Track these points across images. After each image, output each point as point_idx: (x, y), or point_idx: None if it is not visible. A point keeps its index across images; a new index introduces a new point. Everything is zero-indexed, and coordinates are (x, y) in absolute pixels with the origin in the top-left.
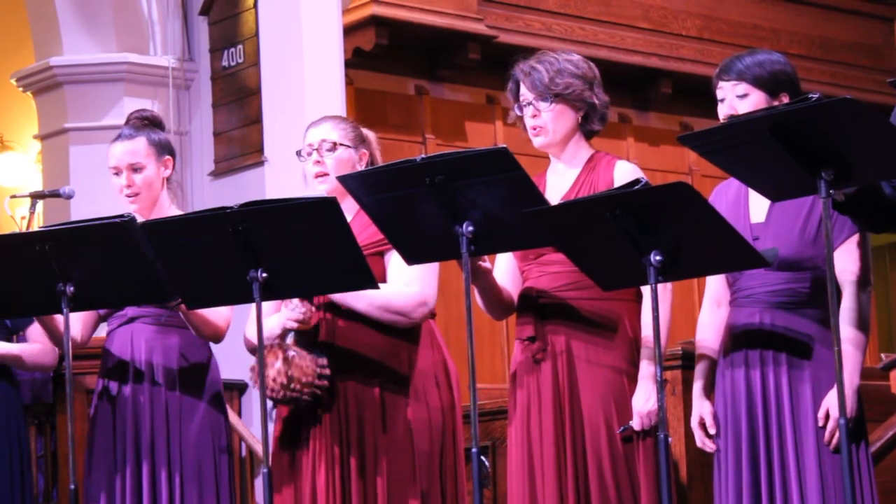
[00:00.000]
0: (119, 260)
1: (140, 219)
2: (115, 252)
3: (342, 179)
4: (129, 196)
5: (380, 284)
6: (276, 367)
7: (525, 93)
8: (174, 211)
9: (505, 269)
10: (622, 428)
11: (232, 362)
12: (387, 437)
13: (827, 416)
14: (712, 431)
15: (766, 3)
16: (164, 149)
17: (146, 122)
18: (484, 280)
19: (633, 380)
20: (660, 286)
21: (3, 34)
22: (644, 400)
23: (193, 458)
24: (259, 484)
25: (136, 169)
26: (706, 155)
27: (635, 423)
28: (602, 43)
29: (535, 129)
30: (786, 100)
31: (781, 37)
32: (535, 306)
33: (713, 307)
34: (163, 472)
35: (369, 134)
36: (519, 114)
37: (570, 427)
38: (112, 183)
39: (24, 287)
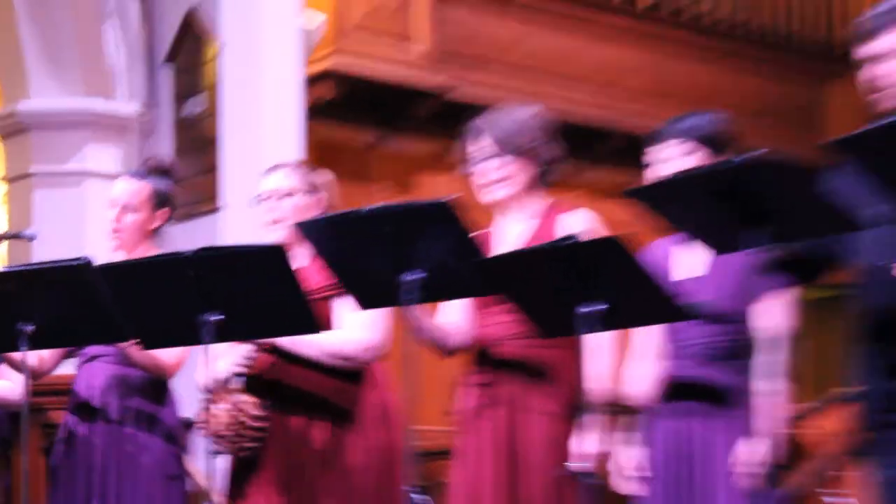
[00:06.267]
0: (77, 301)
1: (124, 255)
2: (73, 293)
3: (297, 227)
4: (113, 231)
5: (332, 329)
6: (221, 419)
7: (483, 146)
8: None
9: (461, 309)
10: (561, 471)
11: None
12: (327, 476)
13: (738, 464)
14: (632, 475)
15: (709, 65)
16: (164, 201)
17: (158, 170)
18: (427, 326)
19: (573, 426)
20: (602, 335)
21: None
22: (582, 444)
23: (144, 493)
24: None
25: (127, 209)
26: (650, 210)
27: (572, 466)
28: (555, 96)
29: (495, 181)
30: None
31: (723, 97)
32: (484, 354)
33: (640, 359)
34: None
35: (326, 177)
36: (474, 167)
37: (509, 472)
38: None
39: None
